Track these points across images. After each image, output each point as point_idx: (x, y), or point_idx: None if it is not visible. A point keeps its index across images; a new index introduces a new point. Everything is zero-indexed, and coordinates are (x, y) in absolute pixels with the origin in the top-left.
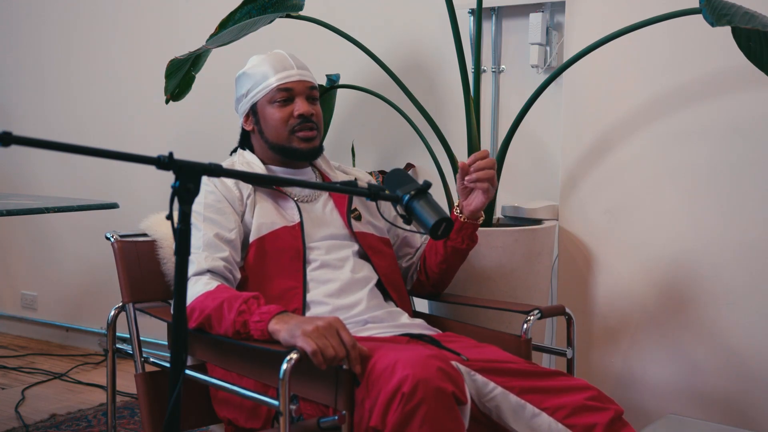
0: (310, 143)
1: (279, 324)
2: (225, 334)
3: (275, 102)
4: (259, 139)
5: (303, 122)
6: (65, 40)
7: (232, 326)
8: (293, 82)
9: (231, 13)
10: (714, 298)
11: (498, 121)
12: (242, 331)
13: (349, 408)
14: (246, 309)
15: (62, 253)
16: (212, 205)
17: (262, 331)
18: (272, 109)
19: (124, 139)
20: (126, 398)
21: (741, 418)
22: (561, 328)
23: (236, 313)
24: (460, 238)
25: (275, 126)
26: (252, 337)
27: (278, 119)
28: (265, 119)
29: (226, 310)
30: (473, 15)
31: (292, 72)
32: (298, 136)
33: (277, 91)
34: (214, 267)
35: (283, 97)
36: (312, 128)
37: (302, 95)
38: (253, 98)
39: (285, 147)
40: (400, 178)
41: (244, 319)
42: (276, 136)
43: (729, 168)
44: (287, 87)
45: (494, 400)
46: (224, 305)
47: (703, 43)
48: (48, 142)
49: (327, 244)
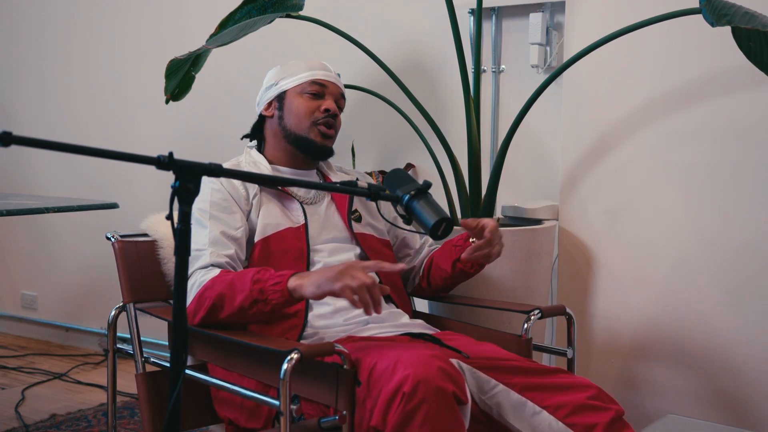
0: (326, 140)
1: (300, 280)
2: (241, 307)
3: (305, 93)
4: (276, 126)
5: (327, 117)
6: (65, 40)
7: (249, 296)
8: (328, 81)
9: (231, 13)
10: (714, 298)
11: (498, 121)
12: (260, 298)
13: (350, 408)
14: (260, 278)
15: (62, 253)
16: (218, 203)
17: (282, 291)
18: (301, 99)
19: (124, 139)
20: (126, 398)
21: (741, 418)
22: (561, 328)
23: (251, 282)
24: (470, 263)
25: (299, 115)
26: (270, 302)
27: (305, 108)
28: (290, 107)
29: (239, 284)
30: (473, 15)
31: (329, 73)
32: (319, 129)
33: (311, 84)
34: (219, 263)
35: (315, 90)
36: (332, 126)
37: (333, 96)
38: (283, 87)
39: (302, 137)
40: (400, 178)
41: (261, 287)
42: (297, 124)
43: (728, 168)
44: (322, 82)
45: (495, 398)
46: (235, 281)
47: (703, 43)
48: (48, 142)
49: (330, 246)
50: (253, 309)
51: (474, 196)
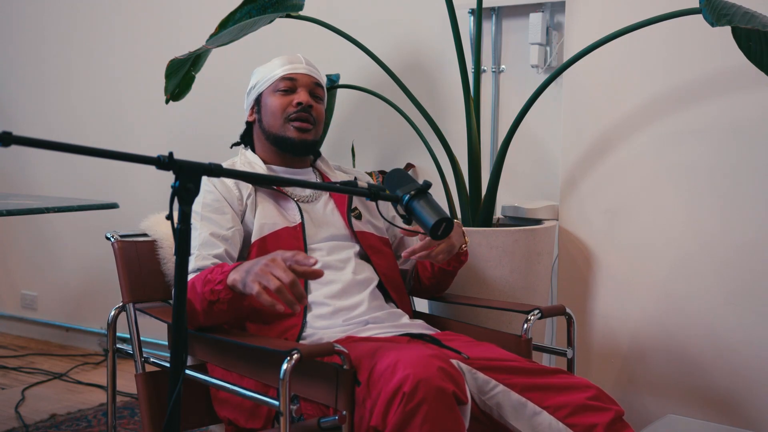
0: (303, 134)
1: (235, 274)
2: (203, 311)
3: (278, 91)
4: (258, 130)
5: (300, 111)
6: (65, 40)
7: (204, 298)
8: (298, 73)
9: (231, 13)
10: (714, 298)
11: (498, 121)
12: (213, 299)
13: (350, 408)
14: (211, 278)
15: (62, 253)
16: (210, 205)
17: (227, 290)
18: (273, 98)
19: (124, 139)
20: (126, 398)
21: (741, 418)
22: (561, 328)
23: (202, 284)
24: (446, 262)
25: (273, 113)
26: (223, 301)
27: (277, 106)
28: (266, 108)
29: (197, 286)
30: (473, 15)
31: (299, 65)
32: (293, 125)
33: (281, 80)
34: (203, 266)
35: (287, 86)
36: (307, 120)
37: (305, 88)
38: (259, 89)
39: (278, 136)
40: (400, 178)
41: (210, 287)
42: (272, 124)
43: (729, 168)
44: (291, 77)
45: (495, 398)
46: (195, 284)
47: (703, 43)
48: (48, 142)
49: (329, 245)
50: (215, 310)
51: (474, 196)
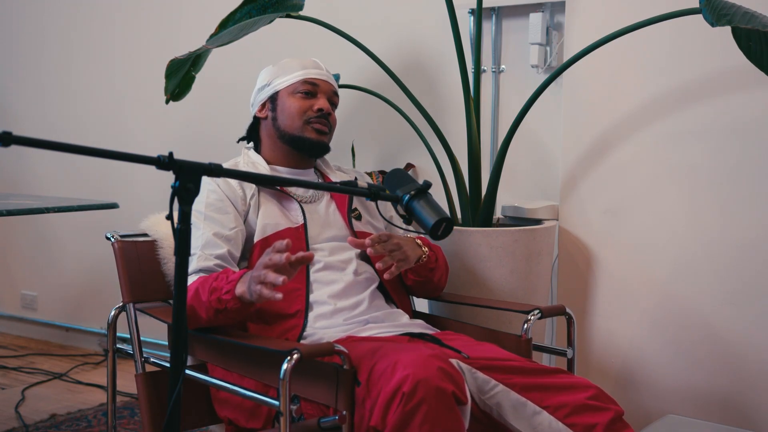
0: (322, 136)
1: (242, 285)
2: (208, 318)
3: (297, 92)
4: (270, 127)
5: (320, 116)
6: (65, 40)
7: (210, 306)
8: (320, 80)
9: (231, 13)
10: (714, 298)
11: (498, 121)
12: (220, 308)
13: (350, 408)
14: (216, 286)
15: (62, 253)
16: (213, 204)
17: (234, 300)
18: (293, 99)
19: (124, 139)
20: (126, 398)
21: (741, 418)
22: (561, 328)
23: (208, 292)
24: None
25: (292, 115)
26: (231, 311)
27: (297, 108)
28: (283, 107)
29: (202, 294)
30: (473, 15)
31: (321, 71)
32: (313, 126)
33: (303, 83)
34: (206, 267)
35: (307, 89)
36: (326, 124)
37: (325, 95)
38: (276, 87)
39: (296, 136)
40: (400, 178)
41: (218, 296)
42: (290, 124)
43: (729, 168)
44: (313, 82)
45: (495, 398)
46: (199, 290)
47: (703, 43)
48: (48, 142)
49: (330, 245)
50: (220, 318)
51: (474, 196)
